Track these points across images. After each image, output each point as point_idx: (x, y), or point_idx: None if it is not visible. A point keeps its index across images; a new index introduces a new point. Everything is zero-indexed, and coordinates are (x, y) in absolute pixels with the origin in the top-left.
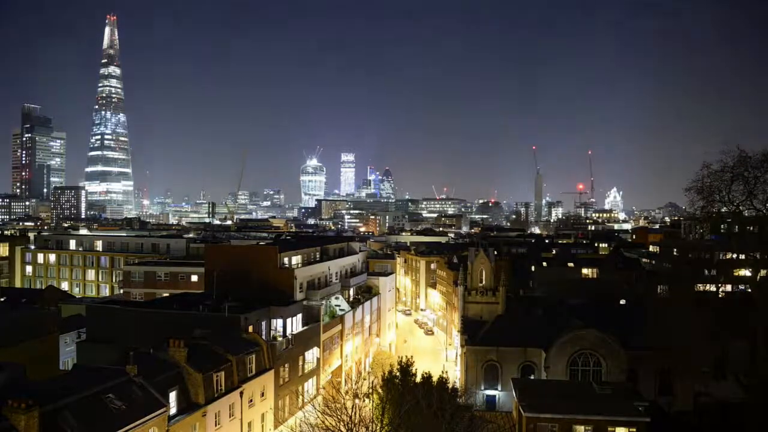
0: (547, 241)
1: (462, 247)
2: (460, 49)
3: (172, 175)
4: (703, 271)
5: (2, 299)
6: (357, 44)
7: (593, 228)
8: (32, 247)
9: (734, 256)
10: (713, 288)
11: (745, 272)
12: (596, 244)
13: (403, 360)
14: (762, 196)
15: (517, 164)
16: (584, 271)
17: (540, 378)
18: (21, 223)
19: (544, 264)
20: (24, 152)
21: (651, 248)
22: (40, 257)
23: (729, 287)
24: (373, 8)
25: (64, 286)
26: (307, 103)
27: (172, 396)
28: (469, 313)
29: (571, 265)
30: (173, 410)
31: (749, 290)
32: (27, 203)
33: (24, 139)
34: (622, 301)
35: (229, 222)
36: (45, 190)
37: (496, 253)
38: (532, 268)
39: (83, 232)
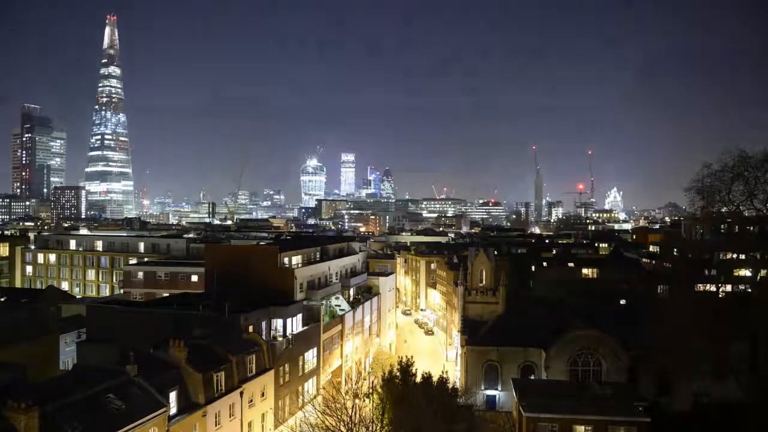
0: (547, 241)
1: (462, 247)
2: (460, 49)
3: (172, 175)
4: (703, 271)
5: (2, 299)
6: (356, 44)
7: (593, 228)
8: (32, 247)
9: (734, 256)
10: (713, 288)
11: (745, 272)
12: (596, 244)
13: (403, 360)
14: (762, 196)
15: (517, 164)
16: (584, 271)
17: (540, 378)
18: (21, 223)
19: (544, 264)
20: (24, 152)
21: (651, 248)
22: (40, 257)
23: (729, 287)
24: (372, 8)
25: (64, 286)
26: (308, 102)
27: (172, 396)
28: (469, 313)
29: (571, 265)
30: (173, 410)
31: (749, 290)
32: (27, 203)
33: (24, 139)
34: (622, 301)
35: (229, 222)
36: (45, 190)
37: (496, 253)
38: (532, 268)
39: (83, 232)
